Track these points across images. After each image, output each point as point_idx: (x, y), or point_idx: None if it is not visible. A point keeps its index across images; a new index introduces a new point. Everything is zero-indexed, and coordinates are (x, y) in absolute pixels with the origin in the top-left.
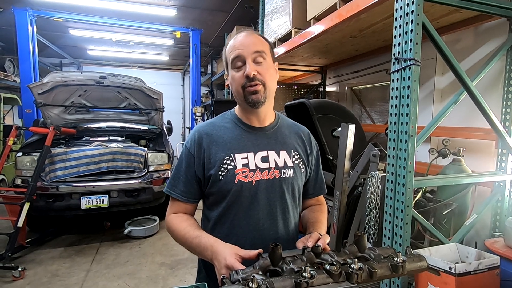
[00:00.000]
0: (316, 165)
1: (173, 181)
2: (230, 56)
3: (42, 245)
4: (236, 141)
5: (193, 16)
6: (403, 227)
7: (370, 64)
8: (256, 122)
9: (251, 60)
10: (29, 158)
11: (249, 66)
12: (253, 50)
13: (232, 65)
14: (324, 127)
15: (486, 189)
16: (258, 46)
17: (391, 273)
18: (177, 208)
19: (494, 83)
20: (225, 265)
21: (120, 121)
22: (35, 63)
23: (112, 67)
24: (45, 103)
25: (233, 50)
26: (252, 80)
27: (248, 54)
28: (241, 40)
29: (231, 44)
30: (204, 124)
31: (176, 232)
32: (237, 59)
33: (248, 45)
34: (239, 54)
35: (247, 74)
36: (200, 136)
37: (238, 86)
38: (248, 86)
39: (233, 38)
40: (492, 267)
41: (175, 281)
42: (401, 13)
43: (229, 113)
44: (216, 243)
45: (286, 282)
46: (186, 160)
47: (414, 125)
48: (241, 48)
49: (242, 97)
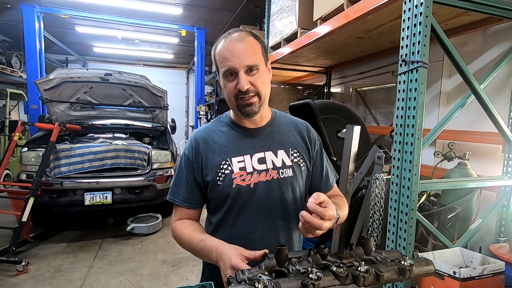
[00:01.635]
0: (320, 160)
1: (175, 188)
2: (221, 68)
3: (45, 240)
4: (232, 144)
5: (198, 15)
6: (407, 230)
7: (375, 65)
8: (251, 124)
9: (243, 72)
10: (34, 153)
11: (242, 79)
12: (246, 64)
13: (223, 74)
14: (329, 128)
15: (491, 194)
16: (250, 58)
17: (398, 276)
18: (181, 214)
19: (502, 87)
20: (230, 265)
21: (125, 118)
22: (41, 59)
23: (117, 65)
24: (51, 99)
25: (224, 61)
26: (245, 93)
27: (240, 67)
28: (232, 50)
29: (221, 51)
30: (200, 129)
31: (181, 237)
32: (229, 71)
33: (241, 57)
34: (230, 67)
35: (240, 88)
36: (197, 142)
37: (230, 95)
38: (241, 98)
39: (223, 40)
40: (497, 272)
41: (176, 279)
42: (409, 15)
43: (224, 116)
44: (221, 245)
45: (292, 283)
46: (186, 166)
47: (420, 128)
48: (233, 61)
49: (235, 107)
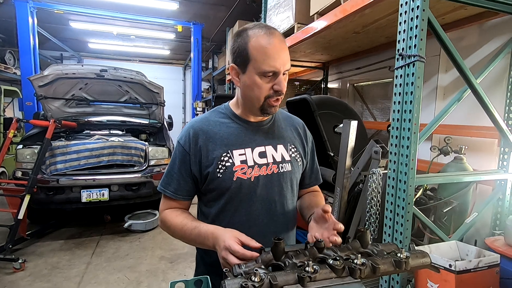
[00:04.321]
0: (311, 156)
1: (167, 178)
2: (261, 65)
3: (42, 238)
4: (233, 137)
5: (194, 10)
6: (403, 224)
7: (372, 61)
8: (253, 119)
9: (282, 75)
10: (30, 150)
11: (283, 83)
12: (286, 69)
13: (261, 73)
14: (326, 124)
15: (487, 188)
16: (289, 63)
17: (394, 269)
18: (171, 204)
19: (498, 81)
20: (223, 246)
21: (121, 115)
22: (35, 55)
23: (112, 61)
24: (45, 95)
25: (269, 60)
26: (280, 95)
27: (283, 70)
28: (279, 50)
29: (266, 48)
30: (198, 119)
31: (172, 226)
32: (271, 72)
33: (285, 61)
34: (275, 69)
35: (279, 90)
36: (196, 133)
37: (262, 95)
38: (273, 99)
39: (265, 35)
40: (492, 265)
41: (174, 275)
42: (406, 8)
43: (223, 107)
44: (216, 230)
45: (289, 277)
46: (180, 157)
47: (417, 122)
48: (279, 63)
49: (260, 105)
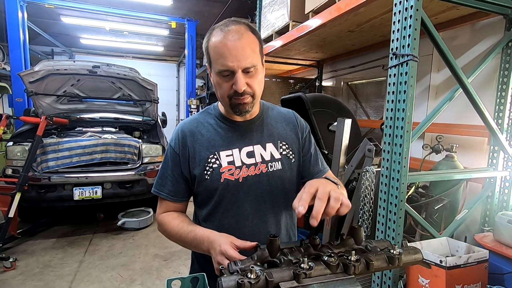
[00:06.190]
0: (308, 146)
1: (160, 180)
2: (216, 65)
3: (34, 236)
4: (220, 138)
5: (189, 6)
6: (396, 221)
7: (366, 59)
8: (240, 118)
9: (241, 73)
10: (20, 148)
11: (239, 81)
12: (244, 66)
13: (217, 72)
14: (320, 122)
15: (477, 185)
16: (249, 59)
17: (387, 265)
18: (167, 207)
19: (488, 80)
20: (219, 251)
21: (114, 112)
22: (25, 50)
23: (105, 57)
24: (36, 92)
25: (221, 59)
26: (241, 94)
27: (238, 68)
28: (231, 48)
29: (218, 47)
30: (187, 121)
31: (169, 230)
32: (226, 71)
33: (240, 58)
34: (228, 68)
35: (237, 90)
36: (184, 134)
37: (224, 94)
38: (235, 98)
39: (219, 33)
40: (481, 260)
41: (169, 273)
42: (400, 8)
43: (212, 107)
44: (212, 234)
45: (284, 273)
46: (172, 159)
47: (410, 121)
48: (231, 61)
49: (228, 105)
